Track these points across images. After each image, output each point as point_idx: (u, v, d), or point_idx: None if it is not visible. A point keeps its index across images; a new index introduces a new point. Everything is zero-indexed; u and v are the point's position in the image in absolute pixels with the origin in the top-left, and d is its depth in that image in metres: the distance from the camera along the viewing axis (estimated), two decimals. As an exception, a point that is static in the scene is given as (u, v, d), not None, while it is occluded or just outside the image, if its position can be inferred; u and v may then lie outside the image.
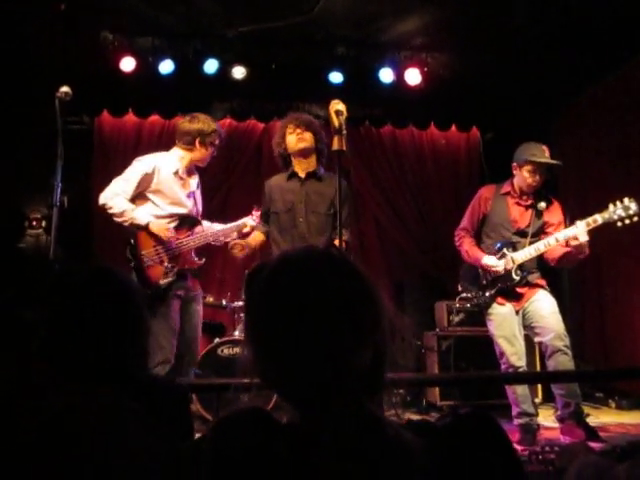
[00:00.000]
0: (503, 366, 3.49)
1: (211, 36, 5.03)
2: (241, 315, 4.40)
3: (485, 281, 3.57)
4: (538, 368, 4.48)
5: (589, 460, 1.42)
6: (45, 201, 2.97)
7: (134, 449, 0.69)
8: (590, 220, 3.27)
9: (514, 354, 3.44)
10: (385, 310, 0.85)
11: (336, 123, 2.51)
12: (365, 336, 0.81)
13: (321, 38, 5.03)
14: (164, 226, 3.39)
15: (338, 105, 2.62)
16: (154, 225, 3.36)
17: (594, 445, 2.87)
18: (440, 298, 4.96)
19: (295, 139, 3.40)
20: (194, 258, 3.53)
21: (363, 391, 0.82)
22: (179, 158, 3.54)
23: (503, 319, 3.51)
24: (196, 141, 3.51)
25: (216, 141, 3.58)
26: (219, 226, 3.77)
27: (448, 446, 0.83)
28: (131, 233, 3.39)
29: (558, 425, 3.44)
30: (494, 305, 3.54)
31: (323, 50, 5.18)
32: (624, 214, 3.22)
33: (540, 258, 3.59)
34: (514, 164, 3.59)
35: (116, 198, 3.33)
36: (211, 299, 4.54)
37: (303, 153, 3.42)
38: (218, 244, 3.81)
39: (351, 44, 5.17)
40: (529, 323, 3.49)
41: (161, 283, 3.31)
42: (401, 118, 5.86)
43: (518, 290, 3.53)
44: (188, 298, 3.51)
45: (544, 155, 3.47)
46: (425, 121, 5.91)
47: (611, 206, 3.26)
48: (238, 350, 4.05)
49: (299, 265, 0.86)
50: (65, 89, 2.80)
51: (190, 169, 3.61)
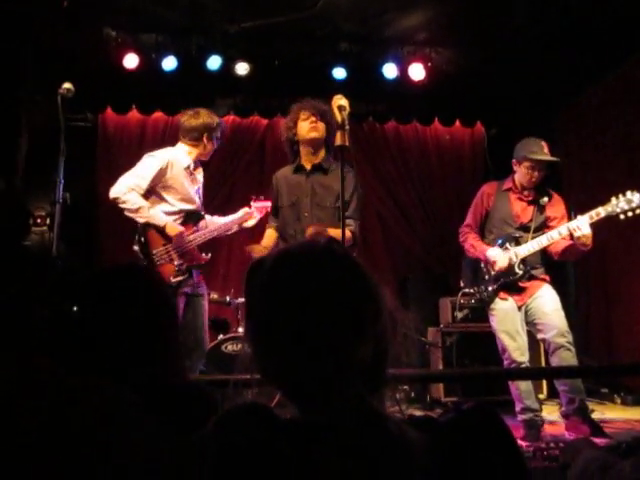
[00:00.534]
0: (505, 362, 3.48)
1: (214, 32, 5.02)
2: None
3: (488, 276, 3.56)
4: (542, 364, 4.46)
5: (594, 455, 1.41)
6: (49, 199, 2.96)
7: (135, 444, 0.69)
8: (593, 213, 3.26)
9: (516, 349, 3.43)
10: (386, 305, 0.85)
11: (339, 118, 2.50)
12: (366, 331, 0.81)
13: (324, 34, 5.02)
14: (179, 229, 3.38)
15: (341, 100, 2.61)
16: (170, 227, 3.35)
17: (599, 441, 2.86)
18: (444, 294, 4.96)
19: (308, 127, 3.19)
20: (201, 254, 3.53)
21: (365, 387, 0.81)
22: (187, 153, 3.53)
23: (505, 314, 3.50)
24: (204, 136, 3.50)
25: (219, 134, 3.58)
26: (220, 219, 3.75)
27: (451, 442, 0.83)
28: (140, 232, 3.36)
29: (563, 421, 3.44)
30: (496, 300, 3.53)
31: (326, 46, 5.17)
32: (627, 207, 3.21)
33: (544, 253, 3.58)
34: (514, 160, 3.59)
35: (130, 193, 3.29)
36: (215, 296, 4.54)
37: (313, 143, 3.23)
38: (222, 237, 3.83)
39: (354, 40, 5.16)
40: (532, 320, 3.48)
41: (172, 281, 3.31)
42: (405, 114, 5.85)
43: (521, 285, 3.51)
44: (194, 294, 3.51)
45: (543, 151, 3.46)
46: (429, 117, 5.90)
47: (613, 199, 3.25)
48: (242, 346, 4.05)
49: (299, 259, 0.85)
50: (67, 85, 2.79)
51: (196, 164, 3.61)
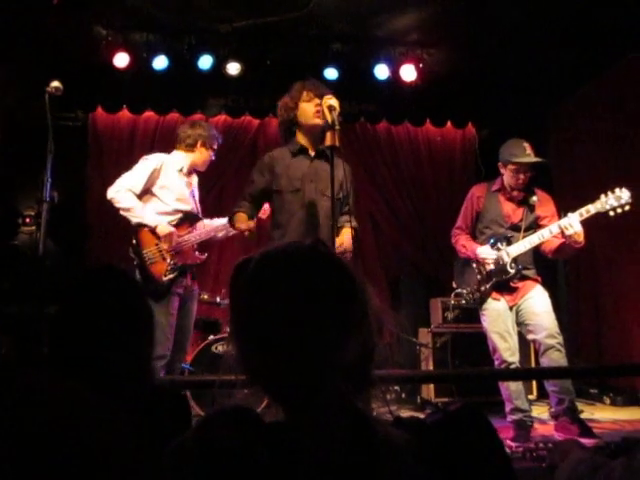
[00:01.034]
0: (496, 362, 3.49)
1: (205, 32, 4.99)
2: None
3: (480, 276, 3.57)
4: (533, 365, 4.48)
5: (583, 457, 1.41)
6: (38, 198, 2.96)
7: (103, 446, 0.67)
8: (583, 211, 3.27)
9: (507, 350, 3.44)
10: (372, 305, 0.84)
11: (329, 118, 2.49)
12: (351, 331, 0.80)
13: (316, 34, 5.02)
14: (169, 230, 3.50)
15: (331, 100, 2.60)
16: (161, 229, 3.49)
17: (587, 442, 2.87)
18: (435, 295, 4.96)
19: (313, 111, 2.87)
20: (196, 253, 3.64)
21: (350, 388, 0.81)
22: (183, 158, 3.71)
23: (497, 315, 3.50)
24: (198, 143, 3.69)
25: (214, 145, 3.76)
26: (219, 221, 3.83)
27: (437, 442, 0.83)
28: (132, 231, 3.52)
29: (552, 422, 3.45)
30: (489, 300, 3.54)
31: (318, 46, 5.16)
32: (616, 203, 3.23)
33: (536, 254, 3.59)
34: (499, 163, 3.60)
35: (125, 193, 3.46)
36: (206, 296, 4.53)
37: (316, 129, 2.92)
38: (217, 239, 3.91)
39: (346, 40, 5.15)
40: (522, 320, 3.49)
41: (164, 279, 3.42)
42: (396, 114, 5.84)
43: (513, 285, 3.52)
44: (186, 296, 3.60)
45: (525, 153, 3.46)
46: (420, 117, 5.89)
47: (603, 196, 3.27)
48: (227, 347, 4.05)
49: (284, 260, 0.84)
50: (55, 84, 2.77)
51: (190, 170, 3.77)
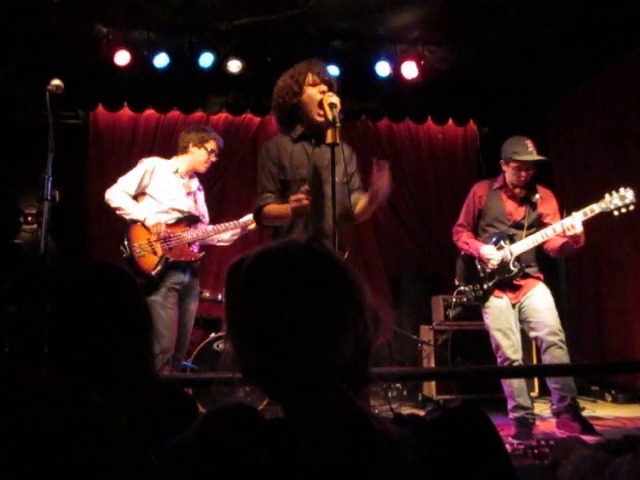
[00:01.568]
0: (499, 359, 3.49)
1: (206, 29, 4.99)
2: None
3: (483, 273, 3.57)
4: (535, 362, 4.47)
5: (586, 454, 1.41)
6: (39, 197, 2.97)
7: (105, 445, 0.67)
8: (587, 210, 3.27)
9: (510, 347, 3.43)
10: (368, 303, 0.84)
11: (329, 116, 2.47)
12: (347, 329, 0.80)
13: (317, 31, 5.01)
14: (157, 223, 3.60)
15: (332, 97, 2.58)
16: (149, 221, 3.61)
17: (589, 439, 2.87)
18: (437, 292, 4.95)
19: (317, 100, 2.65)
20: (191, 250, 3.70)
21: (348, 385, 0.80)
22: (179, 161, 3.84)
23: (500, 312, 3.50)
24: (189, 145, 3.82)
25: (209, 143, 3.82)
26: (228, 224, 3.90)
27: (436, 440, 0.82)
28: (125, 227, 3.65)
29: (554, 419, 3.44)
30: (491, 298, 3.54)
31: (319, 43, 5.14)
32: (620, 203, 3.23)
33: (538, 252, 3.59)
34: (502, 161, 3.60)
35: (117, 194, 3.65)
36: (207, 294, 4.53)
37: (314, 125, 2.72)
38: (224, 243, 3.99)
39: (347, 37, 5.14)
40: (524, 318, 3.49)
41: (153, 273, 3.51)
42: (398, 112, 5.82)
43: (516, 282, 3.52)
44: (184, 293, 3.64)
45: (527, 151, 3.46)
46: (422, 115, 5.88)
47: (607, 196, 3.27)
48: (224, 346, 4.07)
49: (279, 258, 0.84)
50: (56, 82, 2.76)
51: (189, 173, 3.87)
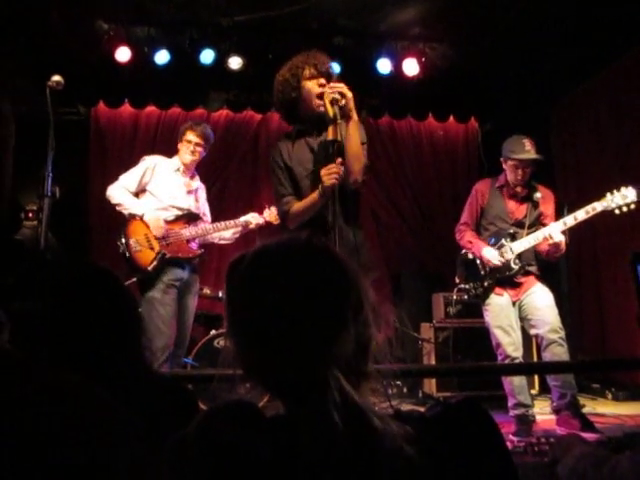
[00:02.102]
0: (499, 357, 3.49)
1: (207, 26, 4.97)
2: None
3: (484, 271, 3.57)
4: (535, 360, 4.47)
5: (586, 451, 1.41)
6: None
7: (105, 442, 0.67)
8: (589, 208, 3.28)
9: (510, 344, 3.44)
10: (368, 299, 0.84)
11: (330, 112, 2.46)
12: (347, 325, 0.80)
13: (318, 28, 4.99)
14: (156, 218, 3.62)
15: (333, 94, 2.55)
16: (147, 216, 3.63)
17: (589, 436, 2.87)
18: (437, 290, 4.96)
19: (316, 92, 2.57)
20: (190, 247, 3.71)
21: (348, 381, 0.80)
22: (177, 159, 3.88)
23: (500, 309, 3.50)
24: (177, 142, 3.88)
25: (186, 135, 3.79)
26: (223, 225, 3.90)
27: (437, 436, 0.82)
28: (123, 222, 3.68)
29: (554, 416, 3.44)
30: (492, 295, 3.54)
31: (320, 40, 5.11)
32: (622, 202, 3.23)
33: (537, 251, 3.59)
34: (501, 159, 3.63)
35: (118, 190, 3.70)
36: (208, 291, 4.54)
37: (313, 118, 2.60)
38: (225, 241, 3.99)
39: (348, 34, 5.12)
40: (525, 315, 3.49)
41: (149, 268, 3.52)
42: (399, 109, 5.83)
43: (516, 280, 3.52)
44: (184, 290, 3.65)
45: (524, 149, 3.48)
46: (423, 112, 5.88)
47: (609, 194, 3.27)
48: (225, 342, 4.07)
49: (279, 254, 0.84)
50: (56, 78, 2.76)
51: (190, 171, 3.90)
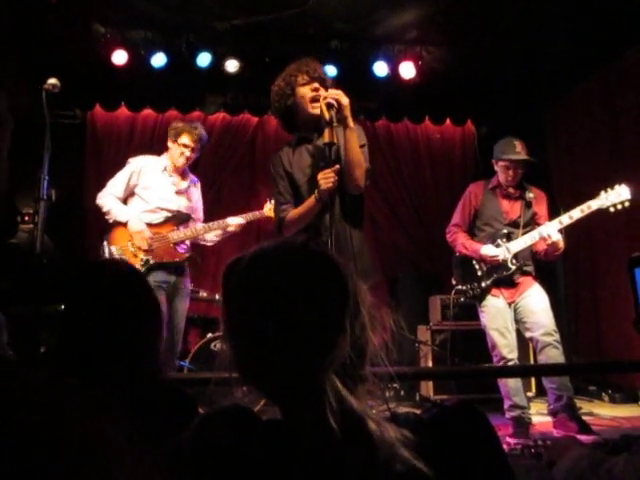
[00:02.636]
0: (495, 359, 3.50)
1: (204, 29, 4.98)
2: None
3: (481, 272, 3.58)
4: (531, 362, 4.47)
5: (582, 454, 1.41)
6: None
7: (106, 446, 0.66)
8: (584, 207, 3.30)
9: (506, 346, 3.44)
10: (365, 302, 0.84)
11: (327, 115, 2.46)
12: (344, 329, 0.79)
13: (315, 31, 5.00)
14: (139, 230, 3.56)
15: (329, 99, 2.56)
16: (131, 225, 3.58)
17: (586, 438, 2.87)
18: (434, 292, 4.96)
19: (310, 97, 2.58)
20: (177, 250, 3.67)
21: (344, 385, 0.80)
22: (165, 158, 3.80)
23: (496, 311, 3.51)
24: (168, 140, 3.80)
25: (181, 137, 3.70)
26: (216, 224, 3.87)
27: (433, 438, 0.82)
28: (108, 228, 3.65)
29: (551, 419, 3.45)
30: (488, 297, 3.55)
31: (317, 43, 5.14)
32: (616, 200, 3.26)
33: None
34: (493, 160, 3.66)
35: (106, 198, 3.64)
36: (204, 294, 4.52)
37: (316, 118, 2.57)
38: (206, 243, 3.97)
39: (345, 37, 5.14)
40: (520, 318, 3.50)
41: None
42: (396, 112, 5.84)
43: (514, 280, 3.53)
44: (173, 293, 3.62)
45: (515, 151, 3.51)
46: (420, 115, 5.89)
47: (603, 193, 3.30)
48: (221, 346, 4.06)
49: (275, 258, 0.84)
50: (53, 81, 2.75)
51: (178, 170, 3.79)
